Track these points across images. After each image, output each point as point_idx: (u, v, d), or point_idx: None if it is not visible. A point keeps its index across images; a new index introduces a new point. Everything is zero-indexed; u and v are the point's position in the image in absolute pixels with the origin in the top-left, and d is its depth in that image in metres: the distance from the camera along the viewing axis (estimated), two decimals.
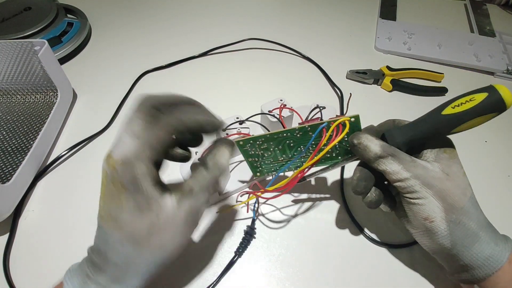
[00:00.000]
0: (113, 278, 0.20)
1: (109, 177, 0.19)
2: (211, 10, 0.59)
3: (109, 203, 0.19)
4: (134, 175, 0.18)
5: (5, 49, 0.38)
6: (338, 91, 0.44)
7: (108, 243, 0.19)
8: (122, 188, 0.19)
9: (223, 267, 0.29)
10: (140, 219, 0.19)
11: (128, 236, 0.19)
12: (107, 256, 0.20)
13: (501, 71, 0.49)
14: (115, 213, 0.19)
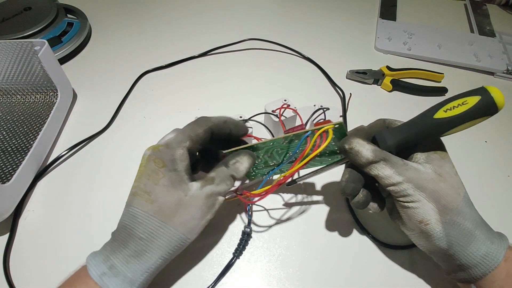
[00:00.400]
0: (134, 252, 0.22)
1: (152, 156, 0.23)
2: (211, 10, 0.59)
3: (145, 180, 0.23)
4: (174, 156, 0.23)
5: (5, 49, 0.38)
6: (340, 91, 0.44)
7: (136, 217, 0.22)
8: (162, 164, 0.23)
9: (222, 267, 0.29)
10: (171, 194, 0.22)
11: (157, 209, 0.22)
12: (132, 231, 0.22)
13: (501, 71, 0.49)
14: (150, 188, 0.23)
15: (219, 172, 0.25)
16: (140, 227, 0.22)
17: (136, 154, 0.38)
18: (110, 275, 0.21)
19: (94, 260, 0.22)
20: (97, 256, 0.22)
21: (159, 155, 0.23)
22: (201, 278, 0.28)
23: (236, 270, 0.29)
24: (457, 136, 0.39)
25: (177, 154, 0.23)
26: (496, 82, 0.49)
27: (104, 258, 0.22)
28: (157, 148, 0.24)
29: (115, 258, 0.22)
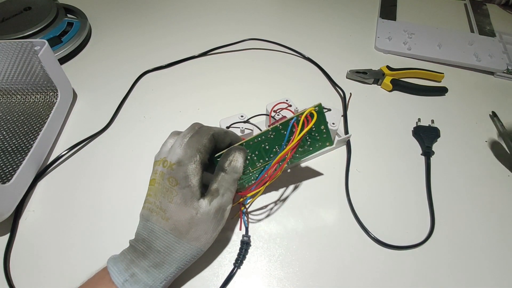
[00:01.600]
0: (154, 263, 0.23)
1: (165, 175, 0.24)
2: (211, 10, 0.59)
3: (160, 197, 0.24)
4: (186, 172, 0.24)
5: (5, 49, 0.38)
6: (340, 91, 0.44)
7: (154, 232, 0.24)
8: (175, 182, 0.24)
9: (224, 278, 0.29)
10: (183, 212, 0.23)
11: (172, 226, 0.23)
12: (151, 244, 0.23)
13: (501, 71, 0.49)
14: (165, 205, 0.24)
15: (221, 181, 0.25)
16: (158, 241, 0.23)
17: (136, 154, 0.38)
18: (132, 282, 0.23)
19: (116, 267, 0.23)
20: (118, 263, 0.24)
21: (173, 173, 0.24)
22: (203, 283, 0.28)
23: (236, 270, 0.29)
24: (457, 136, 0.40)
25: (190, 170, 0.24)
26: (496, 82, 0.49)
27: (126, 267, 0.23)
28: (171, 167, 0.24)
29: (135, 267, 0.23)
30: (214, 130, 0.26)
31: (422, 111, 0.43)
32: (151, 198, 0.24)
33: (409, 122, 0.41)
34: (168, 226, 0.23)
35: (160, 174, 0.24)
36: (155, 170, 0.25)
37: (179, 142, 0.25)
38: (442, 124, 0.41)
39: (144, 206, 0.25)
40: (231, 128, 0.34)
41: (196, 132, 0.26)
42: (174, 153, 0.24)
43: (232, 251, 0.30)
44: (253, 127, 0.35)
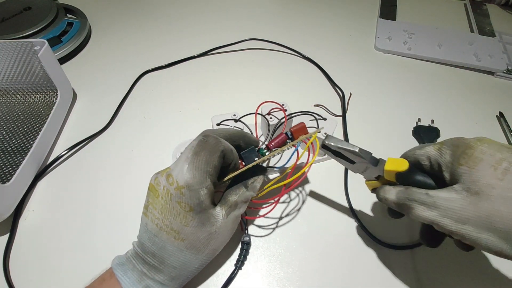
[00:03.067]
0: (170, 277, 0.23)
1: (174, 197, 0.23)
2: (211, 10, 0.59)
3: (171, 219, 0.23)
4: (199, 198, 0.23)
5: (5, 49, 0.38)
6: (340, 91, 0.44)
7: (167, 250, 0.23)
8: (189, 208, 0.23)
9: (225, 279, 0.29)
10: (202, 231, 0.23)
11: (189, 245, 0.23)
12: (164, 260, 0.23)
13: (501, 71, 0.49)
14: (178, 227, 0.23)
15: (241, 196, 0.26)
16: (173, 258, 0.23)
17: (136, 153, 0.38)
18: None
19: (126, 277, 0.23)
20: (127, 272, 0.23)
21: (184, 199, 0.22)
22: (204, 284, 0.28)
23: (237, 271, 0.29)
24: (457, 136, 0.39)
25: (202, 196, 0.23)
26: (496, 82, 0.49)
27: (138, 278, 0.23)
28: (179, 190, 0.22)
29: (149, 280, 0.23)
30: (224, 145, 0.24)
31: (422, 111, 0.43)
32: (157, 213, 0.23)
33: (409, 122, 0.41)
34: (184, 246, 0.23)
35: (166, 191, 0.23)
36: (157, 181, 0.24)
37: (185, 157, 0.23)
38: (442, 124, 0.41)
39: (147, 215, 0.24)
40: (221, 125, 0.34)
41: (203, 148, 0.23)
42: (181, 172, 0.22)
43: (232, 251, 0.30)
44: (243, 126, 0.35)
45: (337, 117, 0.41)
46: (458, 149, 0.20)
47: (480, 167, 0.19)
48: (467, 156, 0.19)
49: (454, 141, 0.21)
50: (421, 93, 0.46)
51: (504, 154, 0.18)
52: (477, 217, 0.18)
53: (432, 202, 0.20)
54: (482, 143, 0.20)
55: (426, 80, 0.48)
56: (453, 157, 0.20)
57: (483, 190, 0.18)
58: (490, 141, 0.20)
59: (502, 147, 0.19)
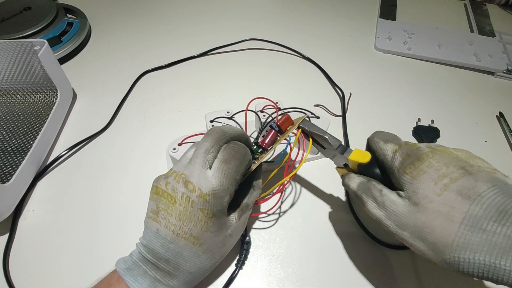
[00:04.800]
0: (184, 282, 0.23)
1: (196, 205, 0.22)
2: (211, 11, 0.59)
3: (191, 225, 0.22)
4: (223, 205, 0.23)
5: (5, 49, 0.38)
6: (340, 91, 0.44)
7: (183, 256, 0.22)
8: (212, 215, 0.22)
9: (226, 279, 0.29)
10: (219, 236, 0.23)
11: (206, 250, 0.23)
12: (179, 266, 0.23)
13: (501, 71, 0.49)
14: (198, 234, 0.22)
15: (251, 197, 0.26)
16: (189, 264, 0.23)
17: (136, 153, 0.38)
18: None
19: (137, 283, 0.22)
20: (138, 278, 0.22)
21: (207, 206, 0.22)
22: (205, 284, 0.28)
23: (238, 270, 0.29)
24: (457, 136, 0.40)
25: (225, 203, 0.23)
26: (496, 82, 0.49)
27: (151, 284, 0.22)
28: (204, 198, 0.22)
29: (162, 286, 0.23)
30: (250, 155, 0.25)
31: (422, 111, 0.43)
32: (173, 220, 0.22)
33: (409, 122, 0.41)
34: (201, 251, 0.23)
35: (186, 198, 0.22)
36: (170, 186, 0.23)
37: (201, 162, 0.22)
38: (442, 124, 0.41)
39: (158, 221, 0.23)
40: (214, 122, 0.34)
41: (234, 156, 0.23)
42: (205, 179, 0.22)
43: (232, 251, 0.30)
44: (235, 124, 0.34)
45: (337, 117, 0.41)
46: (408, 158, 0.21)
47: (422, 179, 0.19)
48: (413, 167, 0.20)
49: (409, 150, 0.21)
50: (421, 93, 0.46)
51: (450, 169, 0.19)
52: (414, 226, 0.19)
53: (382, 202, 0.21)
54: (434, 155, 0.20)
55: (426, 80, 0.48)
56: (401, 165, 0.21)
57: (421, 202, 0.19)
58: (443, 153, 0.20)
59: (452, 161, 0.20)
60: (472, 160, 0.20)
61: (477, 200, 0.17)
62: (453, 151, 0.21)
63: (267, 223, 0.32)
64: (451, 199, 0.18)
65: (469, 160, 0.20)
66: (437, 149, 0.21)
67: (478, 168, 0.19)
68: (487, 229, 0.17)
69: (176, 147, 0.32)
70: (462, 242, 0.17)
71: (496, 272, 0.16)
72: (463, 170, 0.19)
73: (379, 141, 0.24)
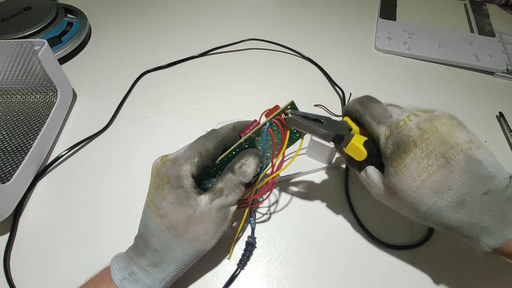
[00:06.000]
0: (152, 262, 0.23)
1: (159, 169, 0.23)
2: (211, 11, 0.59)
3: (154, 193, 0.23)
4: (179, 172, 0.23)
5: (5, 49, 0.38)
6: (340, 91, 0.44)
7: (150, 229, 0.23)
8: (167, 180, 0.23)
9: (227, 278, 0.29)
10: (179, 211, 0.23)
11: (168, 225, 0.23)
12: (148, 242, 0.23)
13: (501, 71, 0.49)
14: (158, 202, 0.23)
15: (227, 181, 0.24)
16: (155, 239, 0.23)
17: (135, 154, 0.38)
18: (131, 280, 0.23)
19: (117, 265, 0.23)
20: (120, 261, 0.24)
21: (164, 170, 0.23)
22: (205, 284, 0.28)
23: (240, 270, 0.29)
24: None
25: (183, 171, 0.23)
26: (496, 82, 0.49)
27: (126, 264, 0.23)
28: (164, 162, 0.23)
29: (134, 265, 0.23)
30: (222, 134, 0.25)
31: None
32: (149, 191, 0.24)
33: None
34: (163, 224, 0.23)
35: (155, 167, 0.24)
36: (155, 162, 0.25)
37: (187, 144, 0.25)
38: None
39: (145, 199, 0.25)
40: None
41: (204, 136, 0.25)
42: (176, 152, 0.24)
43: (233, 251, 0.30)
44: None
45: (338, 117, 0.41)
46: (398, 149, 0.22)
47: (404, 176, 0.22)
48: (400, 160, 0.22)
49: (399, 139, 0.22)
50: (421, 93, 0.46)
51: (430, 161, 0.21)
52: (391, 205, 0.25)
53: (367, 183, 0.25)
54: (421, 141, 0.22)
55: (426, 80, 0.48)
56: (391, 156, 0.23)
57: (399, 193, 0.22)
58: (429, 137, 0.22)
59: (435, 149, 0.21)
60: (453, 136, 0.21)
61: (445, 193, 0.21)
62: (438, 127, 0.22)
63: (267, 223, 0.32)
64: (423, 195, 0.21)
65: (450, 139, 0.21)
66: (426, 131, 0.22)
67: (457, 150, 0.21)
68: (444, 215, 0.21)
69: None
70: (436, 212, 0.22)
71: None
72: (443, 159, 0.21)
73: (371, 121, 0.24)
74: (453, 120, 0.23)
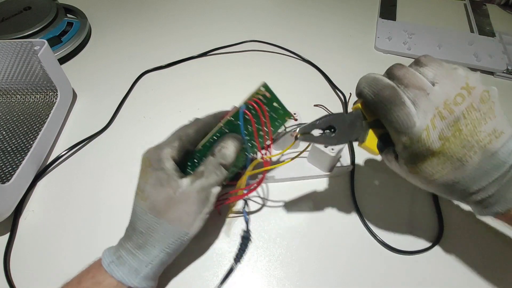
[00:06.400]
0: (137, 245, 0.24)
1: (143, 156, 0.25)
2: (211, 11, 0.59)
3: (140, 179, 0.25)
4: (160, 155, 0.24)
5: (5, 49, 0.38)
6: (341, 94, 0.44)
7: (136, 213, 0.24)
8: (149, 163, 0.24)
9: (224, 273, 0.29)
10: (160, 192, 0.23)
11: (150, 206, 0.23)
12: (134, 225, 0.24)
13: (501, 71, 0.49)
14: (142, 186, 0.24)
15: (207, 164, 0.25)
16: (140, 222, 0.24)
17: (136, 153, 0.38)
18: (117, 263, 0.23)
19: (107, 251, 0.24)
20: (111, 248, 0.25)
21: (147, 155, 0.25)
22: (204, 283, 0.28)
23: (237, 270, 0.29)
24: None
25: (163, 154, 0.24)
26: (496, 82, 0.49)
27: (115, 250, 0.24)
28: (149, 149, 0.25)
29: (122, 249, 0.24)
30: (203, 120, 0.27)
31: None
32: (138, 178, 0.25)
33: None
34: (146, 206, 0.23)
35: (142, 155, 0.26)
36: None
37: None
38: None
39: None
40: None
41: (186, 124, 0.27)
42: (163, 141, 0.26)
43: (230, 247, 0.30)
44: None
45: None
46: (416, 158, 0.22)
47: (416, 176, 0.23)
48: (414, 165, 0.22)
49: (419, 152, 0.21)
50: None
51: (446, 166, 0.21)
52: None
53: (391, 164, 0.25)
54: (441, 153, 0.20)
55: None
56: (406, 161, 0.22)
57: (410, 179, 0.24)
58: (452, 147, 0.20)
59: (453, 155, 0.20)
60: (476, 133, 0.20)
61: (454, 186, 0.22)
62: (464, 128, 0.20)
63: (267, 223, 0.32)
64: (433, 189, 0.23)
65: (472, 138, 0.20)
66: (448, 139, 0.20)
67: (475, 149, 0.20)
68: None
69: None
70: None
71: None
72: (459, 162, 0.20)
73: (390, 128, 0.22)
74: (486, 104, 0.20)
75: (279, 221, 0.32)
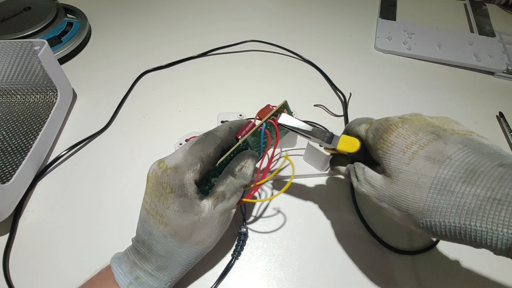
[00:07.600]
0: (157, 267, 0.23)
1: (159, 178, 0.23)
2: (211, 11, 0.59)
3: (156, 201, 0.23)
4: (182, 181, 0.22)
5: (5, 49, 0.38)
6: (341, 94, 0.44)
7: (153, 236, 0.23)
8: (170, 189, 0.22)
9: (222, 268, 0.29)
10: (184, 218, 0.22)
11: (172, 232, 0.23)
12: (151, 247, 0.23)
13: (501, 71, 0.49)
14: (161, 211, 0.23)
15: (229, 185, 0.24)
16: (159, 246, 0.23)
17: (136, 153, 0.38)
18: (137, 285, 0.23)
19: (120, 269, 0.23)
20: (122, 264, 0.24)
21: (167, 179, 0.22)
22: (202, 279, 0.28)
23: (236, 270, 0.29)
24: None
25: (186, 179, 0.22)
26: (496, 82, 0.49)
27: (130, 269, 0.23)
28: (165, 171, 0.22)
29: (139, 270, 0.23)
30: (221, 137, 0.25)
31: (422, 111, 0.43)
32: (147, 198, 0.24)
33: None
34: (167, 231, 0.23)
35: (154, 174, 0.23)
36: (150, 168, 0.24)
37: (182, 149, 0.24)
38: None
39: (142, 204, 0.24)
40: None
41: (202, 139, 0.24)
42: (174, 157, 0.23)
43: (230, 244, 0.30)
44: None
45: (338, 117, 0.41)
46: (377, 132, 0.21)
47: (392, 151, 0.20)
48: (382, 141, 0.21)
49: (377, 124, 0.22)
50: (421, 93, 0.46)
51: (419, 136, 0.19)
52: (389, 197, 0.20)
53: (364, 179, 0.22)
54: (403, 124, 0.20)
55: (426, 80, 0.48)
56: (373, 141, 0.21)
57: (393, 173, 0.20)
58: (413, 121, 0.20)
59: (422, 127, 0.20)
60: (447, 124, 0.20)
61: (445, 162, 0.18)
62: (428, 118, 0.21)
63: (267, 223, 0.32)
64: (419, 166, 0.18)
65: (443, 125, 0.20)
66: (407, 118, 0.21)
67: (451, 132, 0.19)
68: (455, 191, 0.17)
69: (183, 142, 0.33)
70: (432, 207, 0.17)
71: (468, 233, 0.16)
72: (433, 135, 0.19)
73: (354, 126, 0.24)
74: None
75: (279, 221, 0.32)
